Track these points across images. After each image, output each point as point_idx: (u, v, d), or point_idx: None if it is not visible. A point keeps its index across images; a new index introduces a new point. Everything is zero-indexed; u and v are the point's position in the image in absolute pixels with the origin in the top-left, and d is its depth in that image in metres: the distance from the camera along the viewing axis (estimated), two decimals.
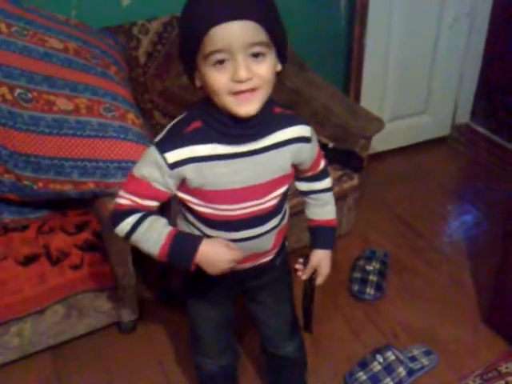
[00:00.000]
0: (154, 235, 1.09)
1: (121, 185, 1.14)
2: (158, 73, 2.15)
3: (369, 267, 2.06)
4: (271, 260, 1.27)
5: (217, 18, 0.93)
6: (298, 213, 1.43)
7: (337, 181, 2.02)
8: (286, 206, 1.25)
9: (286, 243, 1.35)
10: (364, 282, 2.02)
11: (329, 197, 1.31)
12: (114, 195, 1.57)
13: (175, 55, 2.13)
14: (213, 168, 1.06)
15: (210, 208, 1.11)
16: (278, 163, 1.13)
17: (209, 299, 1.31)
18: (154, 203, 1.11)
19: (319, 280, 1.31)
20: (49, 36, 1.69)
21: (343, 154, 1.42)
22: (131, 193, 1.10)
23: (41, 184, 1.57)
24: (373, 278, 2.03)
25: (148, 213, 1.10)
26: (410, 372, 1.73)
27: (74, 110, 1.55)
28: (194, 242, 1.10)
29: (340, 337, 1.87)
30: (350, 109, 2.17)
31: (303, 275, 1.31)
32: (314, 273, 1.31)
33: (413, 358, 1.76)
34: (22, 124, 1.52)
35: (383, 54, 2.55)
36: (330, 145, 1.27)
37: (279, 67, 1.05)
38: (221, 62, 0.96)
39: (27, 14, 1.71)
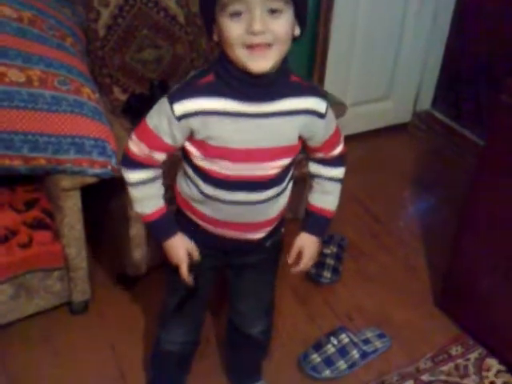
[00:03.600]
0: (147, 201, 1.18)
1: (135, 128, 1.16)
2: (117, 47, 2.08)
3: (326, 250, 2.07)
4: (261, 239, 1.26)
5: None
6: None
7: (297, 164, 1.99)
8: (289, 185, 1.23)
9: (283, 230, 1.33)
10: (321, 265, 2.03)
11: (333, 187, 1.28)
12: (65, 172, 1.55)
13: (136, 29, 2.11)
14: (218, 123, 1.06)
15: (210, 163, 1.12)
16: (283, 132, 1.11)
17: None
18: (161, 156, 1.15)
19: (301, 266, 1.29)
20: (1, 4, 1.61)
21: None
22: (142, 141, 1.13)
23: None
24: (330, 261, 2.04)
25: (155, 176, 1.17)
26: (364, 354, 1.75)
27: (26, 81, 1.48)
28: (169, 231, 1.21)
29: (296, 319, 1.88)
30: None
31: (289, 258, 1.29)
32: None
33: (366, 341, 1.78)
34: None
35: (348, 40, 2.55)
36: None
37: (297, 31, 1.04)
38: (238, 13, 0.97)
39: None
